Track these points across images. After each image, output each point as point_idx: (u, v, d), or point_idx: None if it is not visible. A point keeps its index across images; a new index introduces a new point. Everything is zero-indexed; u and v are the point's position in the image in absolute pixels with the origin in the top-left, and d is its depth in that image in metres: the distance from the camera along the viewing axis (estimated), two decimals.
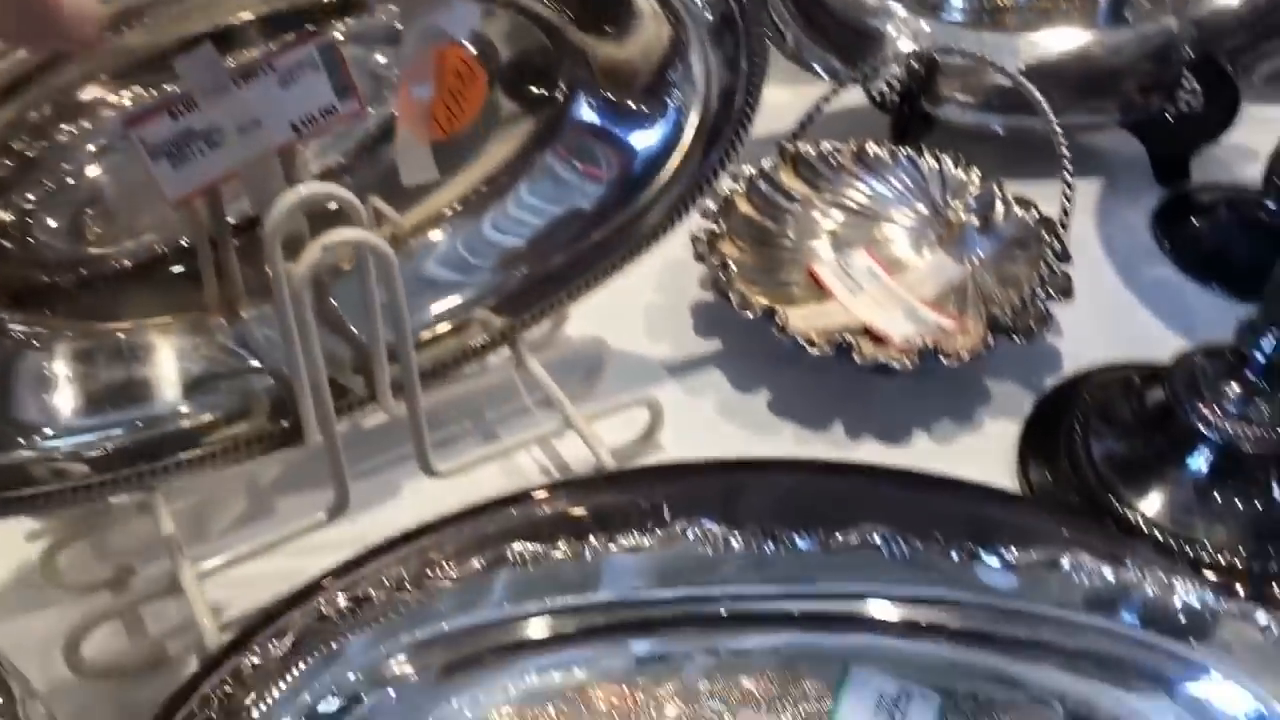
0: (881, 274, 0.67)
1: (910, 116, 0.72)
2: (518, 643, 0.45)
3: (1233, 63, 0.74)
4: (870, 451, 0.59)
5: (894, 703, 0.45)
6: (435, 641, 0.43)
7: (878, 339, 0.62)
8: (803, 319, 0.62)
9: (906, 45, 0.75)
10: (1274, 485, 0.53)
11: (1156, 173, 0.77)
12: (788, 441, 0.59)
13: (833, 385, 0.61)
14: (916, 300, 0.65)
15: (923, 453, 0.59)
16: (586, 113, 0.56)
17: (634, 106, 0.55)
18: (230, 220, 0.50)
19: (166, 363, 0.50)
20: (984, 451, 0.59)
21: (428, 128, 0.51)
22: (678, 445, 0.58)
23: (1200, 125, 0.75)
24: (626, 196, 0.56)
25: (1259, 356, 0.51)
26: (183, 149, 0.44)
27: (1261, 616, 0.44)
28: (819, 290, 0.66)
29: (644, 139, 0.55)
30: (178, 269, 0.53)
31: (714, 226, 0.64)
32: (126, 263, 0.53)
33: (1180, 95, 0.74)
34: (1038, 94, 0.59)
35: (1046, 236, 0.61)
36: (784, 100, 0.71)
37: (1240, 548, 0.52)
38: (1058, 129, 0.58)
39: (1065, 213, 0.59)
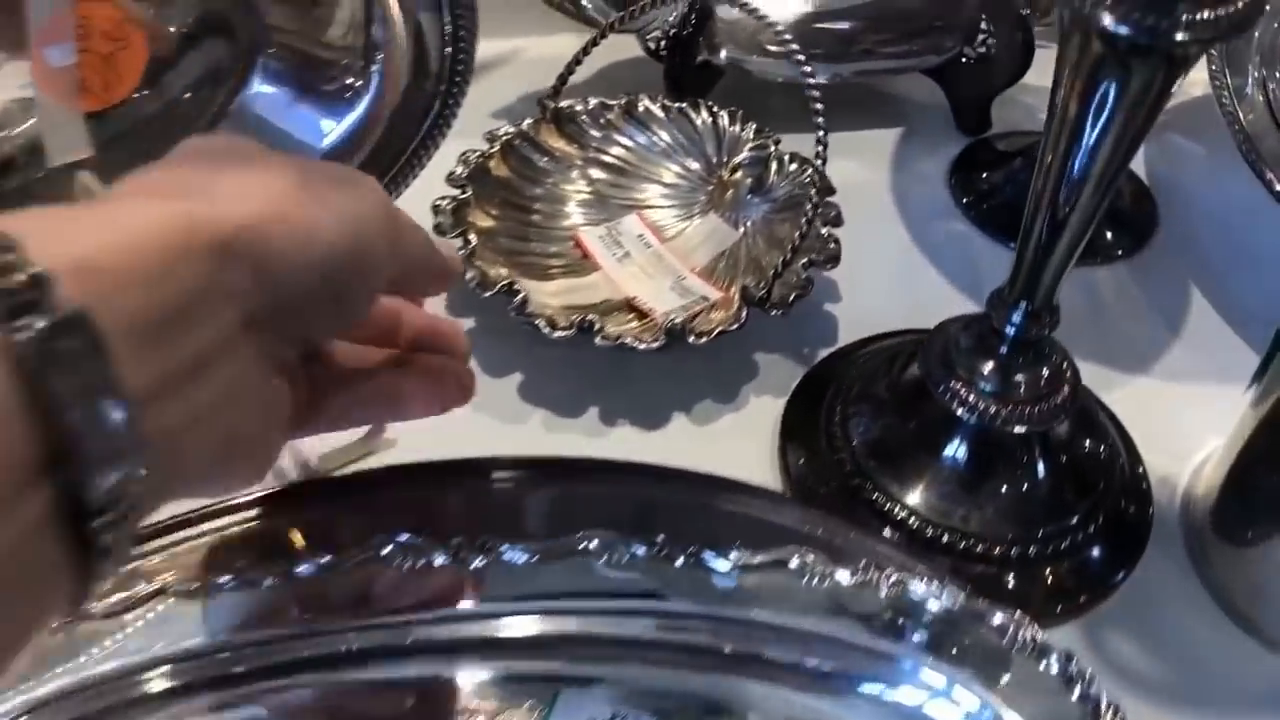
0: (653, 241, 0.61)
1: (684, 67, 0.67)
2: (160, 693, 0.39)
3: (1030, 5, 0.71)
4: (624, 436, 0.54)
5: None
6: (48, 701, 0.38)
7: (643, 313, 0.57)
8: (555, 295, 0.57)
9: None
10: (1038, 464, 0.50)
11: (958, 120, 0.73)
12: (537, 430, 0.54)
13: (589, 366, 0.56)
14: (687, 269, 0.60)
15: (680, 435, 0.54)
16: (275, 80, 0.50)
17: (329, 74, 0.49)
18: None
19: None
20: (745, 434, 0.54)
21: (77, 98, 0.44)
22: (415, 440, 0.52)
23: (997, 70, 0.71)
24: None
25: (1009, 330, 0.47)
26: None
27: (997, 617, 0.41)
28: (586, 261, 0.61)
29: (346, 106, 0.49)
30: None
31: (459, 193, 0.58)
32: None
33: (978, 38, 0.71)
34: (788, 38, 0.54)
35: (814, 197, 0.56)
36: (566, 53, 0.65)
37: (1007, 534, 0.49)
38: (807, 68, 0.53)
39: (820, 175, 0.54)
